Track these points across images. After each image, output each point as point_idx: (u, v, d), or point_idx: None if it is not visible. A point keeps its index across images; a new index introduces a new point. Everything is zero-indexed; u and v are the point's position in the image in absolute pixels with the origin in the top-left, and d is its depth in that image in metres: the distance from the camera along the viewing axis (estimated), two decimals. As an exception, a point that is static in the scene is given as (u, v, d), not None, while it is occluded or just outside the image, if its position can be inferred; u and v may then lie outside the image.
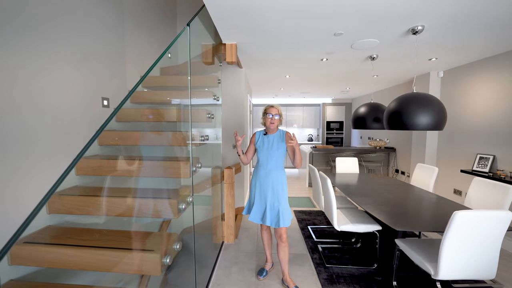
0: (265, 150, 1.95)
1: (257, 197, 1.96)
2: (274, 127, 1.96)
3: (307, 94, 6.25)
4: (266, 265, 2.19)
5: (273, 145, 1.93)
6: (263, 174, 1.93)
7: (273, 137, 1.96)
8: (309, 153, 5.15)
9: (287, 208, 1.91)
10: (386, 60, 2.97)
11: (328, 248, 2.60)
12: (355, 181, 2.98)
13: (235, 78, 3.43)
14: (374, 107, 2.74)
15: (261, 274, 2.11)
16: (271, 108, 1.93)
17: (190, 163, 1.55)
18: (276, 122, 1.94)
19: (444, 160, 3.58)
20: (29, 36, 1.43)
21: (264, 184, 1.92)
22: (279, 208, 1.87)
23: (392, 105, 2.06)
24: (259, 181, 1.95)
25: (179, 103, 2.15)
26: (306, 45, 2.47)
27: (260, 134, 2.02)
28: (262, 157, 1.96)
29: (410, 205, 2.09)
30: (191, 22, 1.67)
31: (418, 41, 2.27)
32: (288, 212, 1.90)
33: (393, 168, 4.87)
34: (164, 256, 1.17)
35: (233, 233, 2.72)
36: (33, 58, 1.46)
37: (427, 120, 1.86)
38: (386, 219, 1.74)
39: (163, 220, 2.27)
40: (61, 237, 1.34)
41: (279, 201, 1.89)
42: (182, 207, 1.39)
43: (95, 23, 1.97)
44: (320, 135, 7.67)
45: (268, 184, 1.91)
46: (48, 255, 1.21)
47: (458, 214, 1.36)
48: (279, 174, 1.92)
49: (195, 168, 1.61)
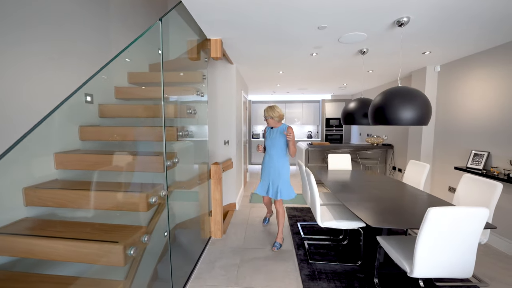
0: (269, 140, 2.57)
1: (264, 176, 2.62)
2: (270, 125, 2.58)
3: (305, 90, 6.19)
4: (267, 215, 3.10)
5: (276, 136, 2.52)
6: (267, 159, 2.59)
7: (276, 130, 2.55)
8: (305, 150, 5.12)
9: (286, 186, 2.53)
10: (377, 54, 2.90)
11: (314, 244, 2.59)
12: (345, 178, 2.94)
13: (226, 74, 3.41)
14: (364, 102, 2.68)
15: (265, 221, 3.04)
16: (270, 110, 2.51)
17: (163, 158, 1.55)
18: (270, 122, 2.53)
19: (440, 157, 3.50)
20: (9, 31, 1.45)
21: (267, 166, 2.57)
22: (278, 185, 2.51)
23: (376, 100, 2.02)
24: (264, 164, 2.63)
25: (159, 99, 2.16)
26: (292, 40, 2.43)
27: (268, 128, 2.64)
28: (267, 145, 2.62)
29: (395, 202, 2.05)
30: (165, 17, 1.67)
31: (407, 34, 2.21)
32: (287, 189, 2.52)
33: (390, 165, 4.79)
34: (129, 248, 1.19)
35: (220, 228, 2.74)
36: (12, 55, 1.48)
37: (411, 114, 1.82)
38: (364, 216, 1.72)
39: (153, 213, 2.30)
40: (35, 228, 1.37)
41: (279, 179, 2.51)
42: (153, 200, 1.40)
43: (78, 18, 1.99)
44: (319, 132, 7.59)
45: (270, 166, 2.54)
46: (19, 245, 1.24)
47: (432, 211, 1.33)
48: (280, 159, 2.53)
49: (170, 162, 1.61)
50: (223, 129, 3.50)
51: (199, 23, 2.07)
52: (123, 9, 2.58)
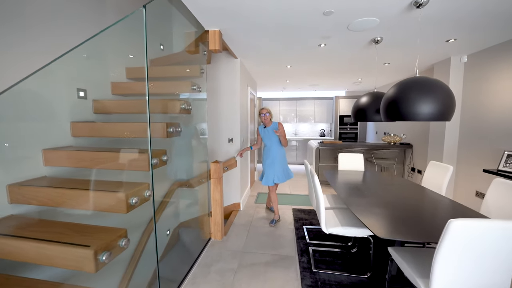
0: (266, 137, 3.04)
1: (267, 167, 3.05)
2: (268, 121, 3.01)
3: (317, 86, 5.91)
4: (275, 216, 3.13)
5: (271, 133, 3.01)
6: (268, 152, 3.07)
7: (270, 128, 3.02)
8: (315, 149, 4.87)
9: (282, 172, 3.05)
10: (392, 43, 2.62)
11: (320, 251, 2.39)
12: (356, 180, 2.70)
13: (230, 69, 3.28)
14: (377, 96, 2.43)
15: (272, 222, 3.05)
16: (263, 109, 3.02)
17: (149, 156, 1.44)
18: (268, 118, 3.00)
19: (465, 158, 3.13)
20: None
21: (269, 158, 3.05)
22: (283, 168, 3.07)
23: (390, 92, 1.78)
24: (266, 157, 3.09)
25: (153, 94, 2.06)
26: (296, 28, 2.24)
27: (261, 128, 3.10)
28: (266, 142, 3.07)
29: (411, 209, 1.81)
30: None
31: (426, 17, 1.94)
32: (281, 173, 3.05)
33: (409, 166, 4.42)
34: (101, 252, 1.08)
35: (220, 230, 2.62)
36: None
37: (430, 108, 1.57)
38: (372, 224, 1.50)
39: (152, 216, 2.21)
40: (17, 227, 1.32)
41: (281, 164, 3.06)
42: (133, 201, 1.29)
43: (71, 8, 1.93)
44: (332, 130, 7.27)
45: (271, 157, 3.04)
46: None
47: (454, 224, 1.10)
48: (276, 149, 3.04)
49: (157, 161, 1.50)
50: (227, 126, 3.37)
51: (195, 13, 1.94)
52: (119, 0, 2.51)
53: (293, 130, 7.66)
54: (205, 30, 2.31)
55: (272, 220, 3.05)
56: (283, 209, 3.50)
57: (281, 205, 3.65)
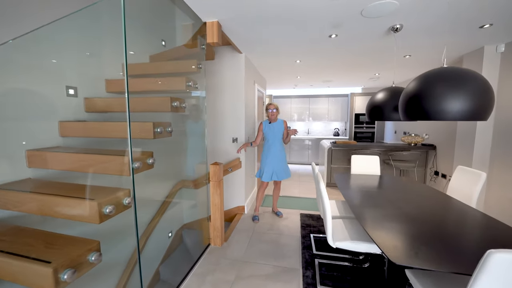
0: (271, 133, 3.01)
1: (267, 163, 2.99)
2: (275, 117, 3.00)
3: (330, 83, 5.58)
4: (256, 212, 3.19)
5: (277, 130, 3.01)
6: (272, 149, 3.00)
7: (276, 125, 3.02)
8: (327, 149, 4.58)
9: (283, 170, 3.04)
10: (415, 31, 2.30)
11: (327, 264, 2.16)
12: (370, 186, 2.43)
13: (234, 65, 3.10)
14: (395, 92, 2.13)
15: (254, 218, 3.09)
16: (270, 105, 2.98)
17: (129, 158, 1.30)
18: (275, 114, 2.99)
19: (501, 164, 2.73)
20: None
21: (272, 155, 2.99)
22: (283, 167, 3.05)
23: (410, 87, 1.51)
24: (268, 153, 3.01)
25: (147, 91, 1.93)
26: (302, 17, 2.01)
27: (266, 123, 3.04)
28: (269, 138, 3.02)
29: (434, 226, 1.53)
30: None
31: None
32: (287, 169, 3.12)
33: (432, 169, 4.01)
34: (63, 270, 0.95)
35: (220, 236, 2.46)
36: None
37: (461, 106, 1.29)
38: (386, 244, 1.26)
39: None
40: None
41: (282, 162, 3.04)
42: (107, 210, 1.15)
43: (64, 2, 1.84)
44: (347, 129, 6.88)
45: (275, 154, 3.00)
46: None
47: (495, 257, 0.85)
48: (281, 147, 3.05)
49: (139, 164, 1.36)
50: (231, 125, 3.21)
51: (189, 1, 1.78)
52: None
53: (305, 129, 7.36)
54: (203, 22, 2.14)
55: (255, 216, 3.11)
56: (290, 214, 3.28)
57: (288, 209, 3.44)
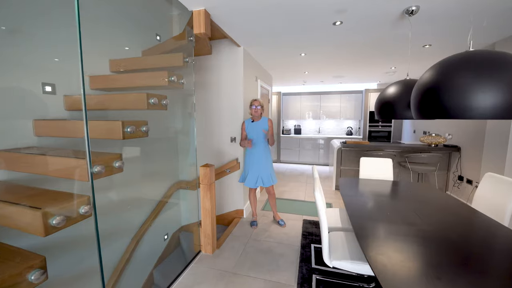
0: (253, 133, 2.64)
1: (251, 167, 2.66)
2: (258, 114, 2.63)
3: (342, 78, 5.21)
4: (255, 217, 2.94)
5: (259, 129, 2.63)
6: (255, 151, 2.65)
7: (259, 123, 2.65)
8: (337, 150, 4.26)
9: (273, 171, 2.75)
10: (434, 14, 1.96)
11: (326, 282, 1.91)
12: (380, 193, 2.13)
13: (232, 59, 2.90)
14: (409, 86, 1.82)
15: (253, 224, 2.86)
16: (255, 101, 2.62)
17: (87, 162, 1.15)
18: (259, 111, 2.62)
19: (541, 169, 2.31)
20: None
21: (256, 157, 2.64)
22: (270, 171, 2.69)
23: (425, 77, 1.23)
24: (252, 156, 2.66)
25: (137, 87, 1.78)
26: (301, 0, 1.76)
27: (248, 122, 2.68)
28: (253, 138, 2.65)
29: (455, 250, 1.24)
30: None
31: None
32: (273, 174, 2.76)
33: (455, 174, 3.58)
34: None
35: (211, 243, 2.29)
36: None
37: (493, 100, 1.00)
38: (389, 275, 1.00)
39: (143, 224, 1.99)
40: None
41: (268, 166, 2.68)
42: (53, 222, 1.00)
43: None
44: (361, 128, 6.46)
45: (260, 157, 2.65)
46: None
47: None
48: (266, 148, 2.70)
49: (101, 168, 1.20)
50: (229, 123, 3.02)
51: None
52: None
53: (316, 128, 7.02)
54: (191, 11, 1.96)
55: (253, 222, 2.88)
56: (292, 220, 3.04)
57: (291, 215, 3.20)
